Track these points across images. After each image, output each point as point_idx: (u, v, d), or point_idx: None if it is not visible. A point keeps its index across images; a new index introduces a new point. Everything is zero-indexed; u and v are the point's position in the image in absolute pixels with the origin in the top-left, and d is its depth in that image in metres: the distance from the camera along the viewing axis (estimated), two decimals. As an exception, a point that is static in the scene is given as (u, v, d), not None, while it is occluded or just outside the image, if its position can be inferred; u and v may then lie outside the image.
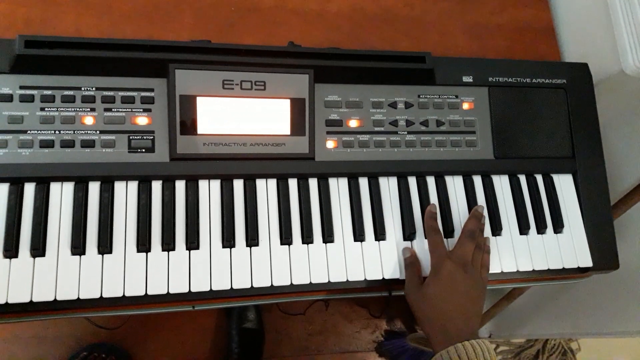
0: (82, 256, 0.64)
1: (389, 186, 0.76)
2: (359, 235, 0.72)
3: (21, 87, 0.65)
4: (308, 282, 0.69)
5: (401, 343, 1.58)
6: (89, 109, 0.67)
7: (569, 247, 0.78)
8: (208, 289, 0.66)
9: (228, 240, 0.68)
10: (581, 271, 0.79)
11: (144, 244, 0.65)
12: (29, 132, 0.65)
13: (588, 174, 0.81)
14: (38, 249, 0.62)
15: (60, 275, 0.62)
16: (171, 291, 0.65)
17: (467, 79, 0.80)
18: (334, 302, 1.59)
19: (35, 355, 1.41)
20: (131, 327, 1.48)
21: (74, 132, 0.66)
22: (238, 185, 0.71)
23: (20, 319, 0.63)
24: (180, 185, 0.69)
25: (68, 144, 0.66)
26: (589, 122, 0.83)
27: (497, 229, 0.77)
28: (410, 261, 0.72)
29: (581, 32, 0.90)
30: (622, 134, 0.91)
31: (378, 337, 1.65)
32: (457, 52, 0.88)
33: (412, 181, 0.76)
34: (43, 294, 0.61)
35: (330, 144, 0.74)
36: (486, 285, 0.72)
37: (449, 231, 0.75)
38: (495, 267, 0.75)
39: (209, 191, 0.70)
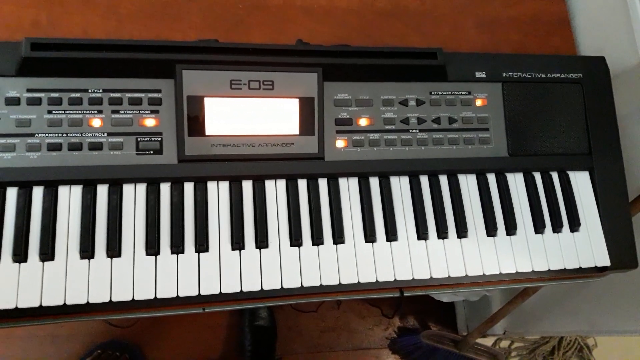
0: (91, 260, 0.63)
1: (400, 186, 0.74)
2: (370, 236, 0.71)
3: (28, 90, 0.65)
4: (319, 284, 0.68)
5: (415, 340, 1.56)
6: (96, 111, 0.66)
7: (586, 246, 0.76)
8: (218, 292, 0.65)
9: (237, 243, 0.67)
10: (598, 270, 0.77)
11: (152, 247, 0.65)
12: (36, 135, 0.64)
13: (605, 171, 0.79)
14: (47, 253, 0.62)
15: (69, 279, 0.62)
16: (181, 294, 0.64)
17: (479, 74, 0.78)
18: (346, 300, 1.59)
19: (49, 353, 1.43)
20: (144, 325, 1.49)
21: (82, 135, 0.66)
22: (247, 186, 0.70)
23: (29, 323, 0.63)
24: (188, 187, 0.68)
25: (76, 147, 0.65)
26: (606, 117, 0.80)
27: (511, 228, 0.75)
28: None
29: (597, 23, 0.88)
30: (641, 129, 0.89)
31: (391, 334, 1.64)
32: (469, 47, 0.86)
33: (424, 180, 0.75)
34: (52, 299, 0.61)
35: (340, 143, 0.73)
36: None
37: (462, 232, 0.74)
38: (509, 267, 0.73)
39: (218, 193, 0.69)
